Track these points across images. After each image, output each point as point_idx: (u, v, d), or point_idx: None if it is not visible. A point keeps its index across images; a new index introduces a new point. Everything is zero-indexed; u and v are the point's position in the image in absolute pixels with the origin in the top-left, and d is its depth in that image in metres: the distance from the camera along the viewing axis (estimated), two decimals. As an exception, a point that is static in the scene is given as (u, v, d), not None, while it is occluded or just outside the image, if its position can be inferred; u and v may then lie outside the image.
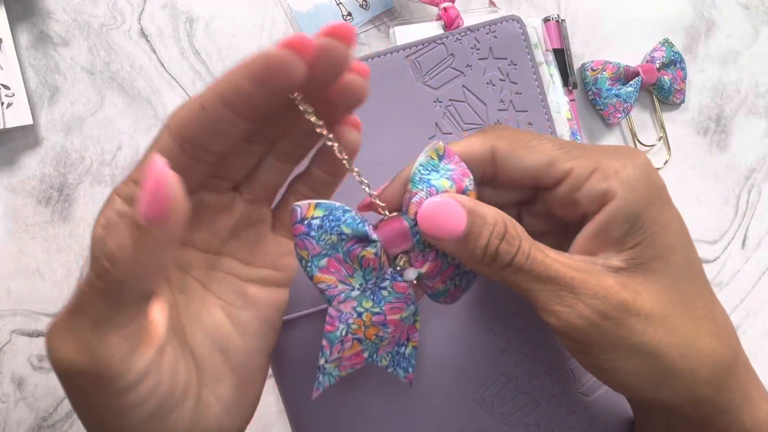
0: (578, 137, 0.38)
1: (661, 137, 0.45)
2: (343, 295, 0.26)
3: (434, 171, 0.25)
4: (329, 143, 0.24)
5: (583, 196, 0.25)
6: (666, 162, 0.45)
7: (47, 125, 0.41)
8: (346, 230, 0.25)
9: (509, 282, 0.25)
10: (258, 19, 0.43)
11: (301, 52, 0.19)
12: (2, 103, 0.39)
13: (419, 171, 0.25)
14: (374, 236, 0.25)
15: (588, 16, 0.45)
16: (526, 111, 0.37)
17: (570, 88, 0.42)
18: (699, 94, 0.46)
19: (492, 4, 0.43)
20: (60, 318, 0.20)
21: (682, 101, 0.45)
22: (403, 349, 0.29)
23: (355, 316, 0.26)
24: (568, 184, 0.25)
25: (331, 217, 0.25)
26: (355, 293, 0.26)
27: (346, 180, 0.28)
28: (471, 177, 0.26)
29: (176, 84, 0.42)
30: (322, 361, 0.27)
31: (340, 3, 0.43)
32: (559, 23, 0.43)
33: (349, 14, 0.43)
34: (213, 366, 0.25)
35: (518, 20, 0.37)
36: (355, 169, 0.25)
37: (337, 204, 0.25)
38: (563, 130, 0.37)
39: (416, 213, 0.25)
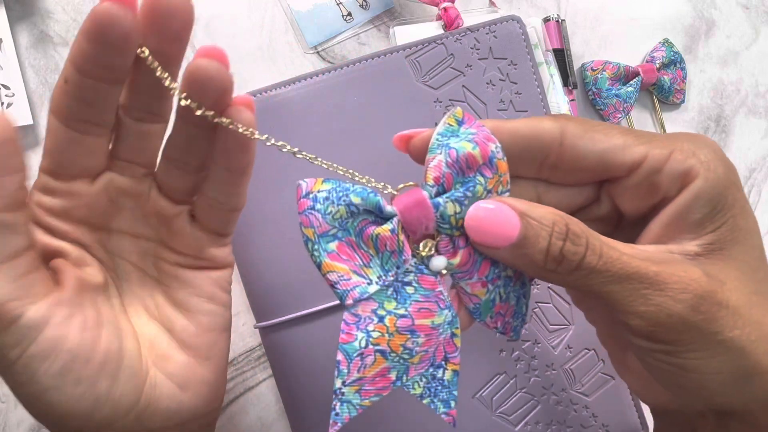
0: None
1: (661, 137, 0.45)
2: (358, 290, 0.22)
3: (453, 136, 0.22)
4: (175, 94, 0.23)
5: (665, 177, 0.23)
6: (666, 162, 0.45)
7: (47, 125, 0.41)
8: (356, 199, 0.22)
9: (580, 285, 0.22)
10: (258, 19, 0.43)
11: (125, 3, 0.20)
12: (2, 103, 0.39)
13: (437, 139, 0.22)
14: (389, 208, 0.22)
15: (588, 16, 0.45)
16: (526, 111, 0.37)
17: (570, 88, 0.42)
18: (699, 94, 0.46)
19: (492, 4, 0.43)
20: None
21: (682, 101, 0.45)
22: (440, 372, 0.24)
23: (375, 320, 0.22)
24: (647, 168, 0.23)
25: (338, 189, 0.22)
26: (373, 288, 0.22)
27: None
28: (498, 144, 0.22)
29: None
30: (338, 383, 0.22)
31: (340, 3, 0.43)
32: (559, 23, 0.43)
33: (349, 14, 0.43)
34: (159, 344, 0.26)
35: (518, 20, 0.37)
36: (243, 129, 0.23)
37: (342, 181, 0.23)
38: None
39: (434, 178, 0.22)
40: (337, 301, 0.33)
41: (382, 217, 0.22)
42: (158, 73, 0.22)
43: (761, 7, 0.46)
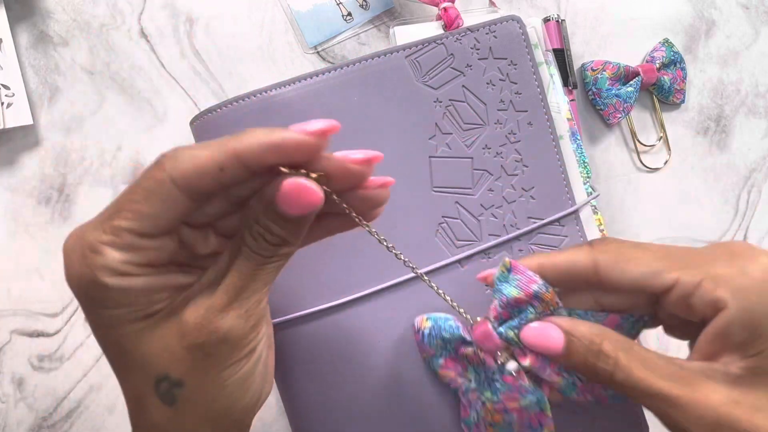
0: (578, 137, 0.38)
1: (661, 137, 0.45)
2: (464, 387, 0.32)
3: (505, 282, 0.29)
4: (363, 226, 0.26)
5: (696, 302, 0.24)
6: (666, 162, 0.45)
7: (47, 125, 0.41)
8: (446, 335, 0.32)
9: (619, 392, 0.25)
10: (258, 19, 0.43)
11: (325, 135, 0.22)
12: (2, 103, 0.39)
13: (496, 282, 0.30)
14: (468, 338, 0.31)
15: (588, 16, 0.45)
16: (526, 111, 0.37)
17: (570, 88, 0.42)
18: (699, 94, 0.46)
19: (492, 4, 0.43)
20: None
21: (682, 101, 0.45)
22: (539, 431, 0.32)
23: (480, 404, 0.32)
24: (677, 294, 0.25)
25: (435, 327, 0.32)
26: (473, 385, 0.32)
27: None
28: (539, 282, 0.28)
29: (176, 84, 0.42)
30: None
31: (340, 3, 0.43)
32: (559, 23, 0.43)
33: (349, 14, 0.43)
34: (269, 333, 0.28)
35: (518, 20, 0.37)
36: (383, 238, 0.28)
37: (442, 315, 0.32)
38: (563, 130, 0.37)
39: (494, 316, 0.29)
40: (337, 301, 0.34)
41: (465, 342, 0.31)
42: (343, 206, 0.24)
43: (761, 7, 0.46)
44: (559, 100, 0.38)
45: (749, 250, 0.25)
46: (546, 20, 0.43)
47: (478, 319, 0.30)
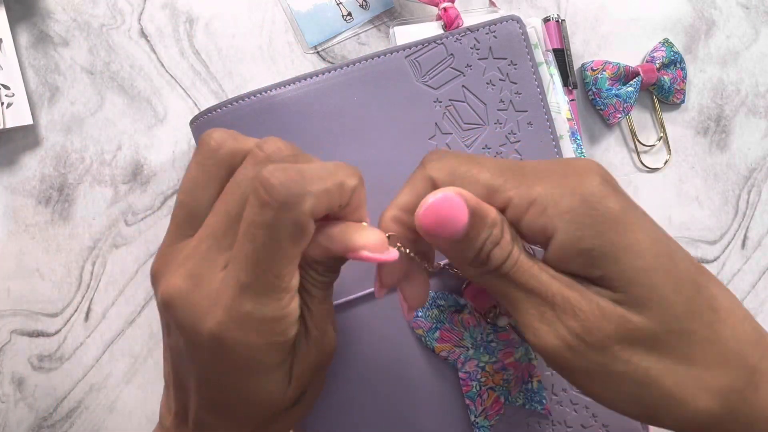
0: (578, 137, 0.38)
1: (661, 137, 0.45)
2: (462, 357, 0.33)
3: None
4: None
5: (524, 229, 0.23)
6: (666, 162, 0.45)
7: (47, 125, 0.41)
8: (441, 302, 0.33)
9: (493, 287, 0.24)
10: (258, 19, 0.43)
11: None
12: (2, 103, 0.39)
13: None
14: (462, 301, 0.33)
15: (588, 16, 0.45)
16: (526, 111, 0.37)
17: (570, 88, 0.42)
18: (699, 94, 0.46)
19: (492, 4, 0.43)
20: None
21: (682, 101, 0.45)
22: (529, 385, 0.34)
23: (479, 371, 0.33)
24: (510, 216, 0.23)
25: (429, 299, 0.33)
26: (471, 351, 0.33)
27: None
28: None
29: (176, 84, 0.42)
30: (473, 418, 0.34)
31: (340, 3, 0.43)
32: (559, 23, 0.43)
33: (349, 14, 0.43)
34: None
35: (518, 20, 0.37)
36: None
37: (431, 291, 0.33)
38: (563, 130, 0.37)
39: None
40: (337, 301, 0.34)
41: (459, 307, 0.33)
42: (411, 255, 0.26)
43: (761, 7, 0.46)
44: (559, 100, 0.38)
45: (580, 168, 0.23)
46: (546, 20, 0.43)
47: (467, 283, 0.32)
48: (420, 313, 0.33)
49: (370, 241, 0.23)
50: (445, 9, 0.39)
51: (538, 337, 0.23)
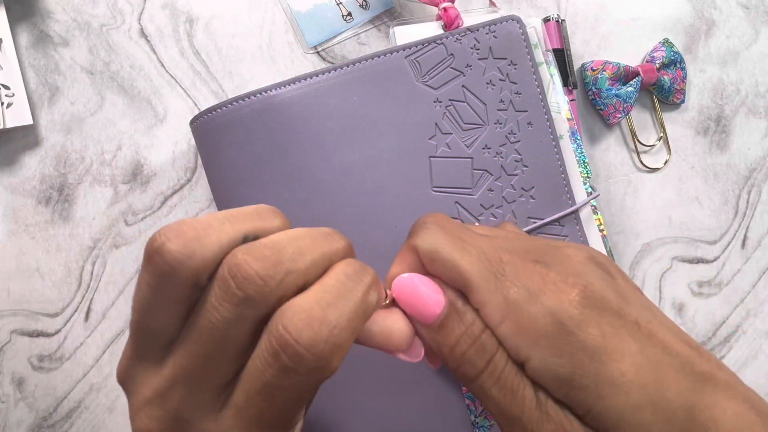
0: (578, 137, 0.38)
1: (661, 137, 0.45)
2: None
3: None
4: None
5: (502, 340, 0.21)
6: (666, 162, 0.45)
7: (47, 125, 0.41)
8: None
9: (475, 393, 0.21)
10: (258, 19, 0.43)
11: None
12: (2, 103, 0.39)
13: None
14: None
15: (588, 16, 0.45)
16: (526, 111, 0.37)
17: (570, 88, 0.42)
18: (699, 94, 0.46)
19: (492, 4, 0.43)
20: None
21: (682, 101, 0.45)
22: None
23: None
24: (485, 320, 0.21)
25: None
26: None
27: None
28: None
29: (176, 84, 0.42)
30: (472, 418, 0.34)
31: (340, 3, 0.43)
32: (559, 23, 0.43)
33: (349, 14, 0.43)
34: None
35: (518, 20, 0.37)
36: None
37: None
38: (563, 130, 0.37)
39: None
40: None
41: None
42: None
43: (761, 7, 0.46)
44: (559, 100, 0.38)
45: (574, 270, 0.21)
46: (546, 20, 0.43)
47: None
48: None
49: (404, 344, 0.21)
50: (445, 9, 0.39)
51: None
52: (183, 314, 0.20)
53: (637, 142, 0.44)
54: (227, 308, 0.19)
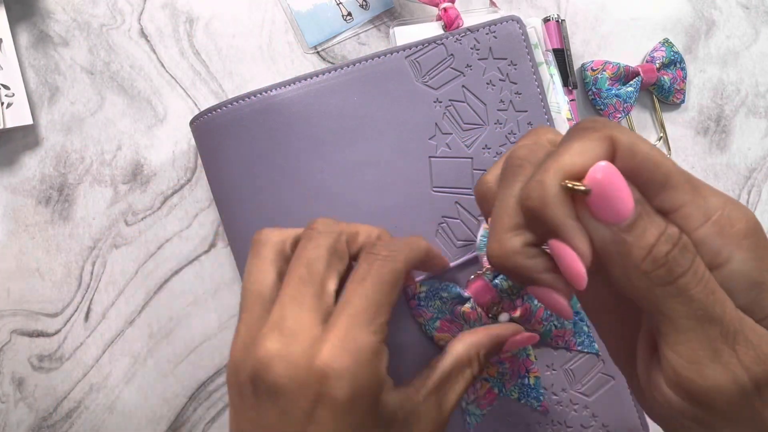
0: (578, 137, 0.38)
1: (661, 137, 0.45)
2: None
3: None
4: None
5: (700, 242, 0.20)
6: (666, 162, 0.45)
7: (47, 125, 0.41)
8: (444, 294, 0.33)
9: (658, 306, 0.20)
10: (258, 19, 0.43)
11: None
12: (2, 103, 0.39)
13: (483, 239, 0.33)
14: (466, 294, 0.33)
15: (588, 16, 0.45)
16: (526, 111, 0.37)
17: (570, 88, 0.42)
18: (699, 94, 0.46)
19: (492, 4, 0.43)
20: None
21: (682, 101, 0.45)
22: (526, 380, 0.34)
23: None
24: (679, 224, 0.20)
25: (432, 289, 0.33)
26: None
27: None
28: None
29: (176, 84, 0.42)
30: (464, 404, 0.34)
31: (340, 3, 0.43)
32: (559, 23, 0.43)
33: (349, 14, 0.43)
34: None
35: (518, 20, 0.37)
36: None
37: (434, 281, 0.33)
38: (563, 130, 0.37)
39: (488, 268, 0.33)
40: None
41: (462, 300, 0.33)
42: None
43: (761, 7, 0.46)
44: (559, 100, 0.38)
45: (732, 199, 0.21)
46: (546, 20, 0.43)
47: (472, 277, 0.33)
48: (422, 303, 0.33)
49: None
50: (445, 9, 0.39)
51: (707, 379, 0.19)
52: (277, 274, 0.27)
53: (637, 142, 0.44)
54: (309, 243, 0.27)
